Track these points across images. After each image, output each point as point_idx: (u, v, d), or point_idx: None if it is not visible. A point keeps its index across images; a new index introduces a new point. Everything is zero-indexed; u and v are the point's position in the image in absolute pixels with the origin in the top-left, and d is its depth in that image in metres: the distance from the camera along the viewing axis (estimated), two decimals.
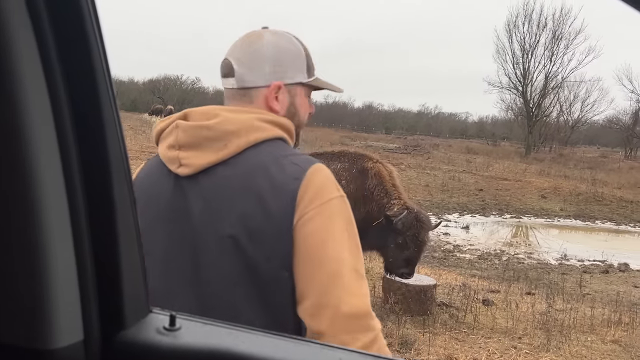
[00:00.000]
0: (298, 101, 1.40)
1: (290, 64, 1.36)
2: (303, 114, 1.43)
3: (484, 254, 12.86)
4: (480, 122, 75.76)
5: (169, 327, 0.75)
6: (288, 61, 1.36)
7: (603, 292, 9.14)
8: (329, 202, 1.21)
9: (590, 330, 5.90)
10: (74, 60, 0.69)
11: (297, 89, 1.39)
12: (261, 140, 1.27)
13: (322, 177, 1.24)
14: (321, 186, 1.22)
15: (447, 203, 19.93)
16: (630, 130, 50.88)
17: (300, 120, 1.42)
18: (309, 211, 1.18)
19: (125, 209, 0.75)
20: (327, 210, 1.20)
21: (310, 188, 1.20)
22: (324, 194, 1.21)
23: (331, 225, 1.19)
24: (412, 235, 5.34)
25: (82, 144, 0.70)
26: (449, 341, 5.19)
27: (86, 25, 0.68)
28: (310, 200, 1.19)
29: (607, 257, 12.93)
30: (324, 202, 1.20)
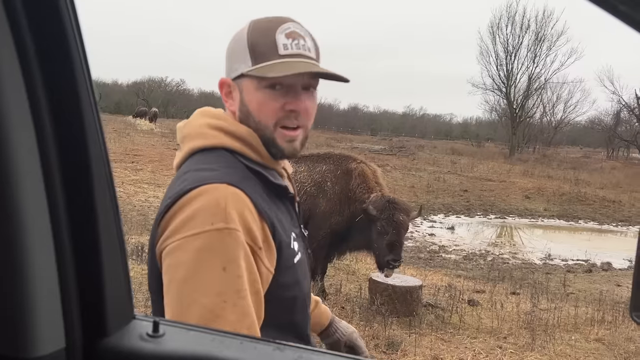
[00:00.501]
0: (247, 97, 1.20)
1: (235, 54, 1.21)
2: (258, 112, 1.18)
3: (469, 254, 12.94)
4: (465, 123, 76.45)
5: (152, 334, 0.75)
6: (233, 52, 1.21)
7: (586, 291, 9.23)
8: (197, 236, 1.02)
9: (574, 329, 5.95)
10: (54, 61, 0.68)
11: (242, 83, 1.20)
12: (198, 149, 1.19)
13: (200, 204, 1.04)
14: (193, 215, 1.03)
15: (432, 204, 20.01)
16: (612, 130, 51.56)
17: (257, 120, 1.19)
18: (172, 242, 1.04)
19: (108, 214, 0.75)
20: (192, 244, 1.02)
21: (179, 214, 1.05)
22: (193, 225, 1.03)
23: (194, 263, 1.01)
24: (387, 217, 5.35)
25: (63, 148, 0.70)
26: (435, 342, 5.20)
27: (65, 26, 0.68)
28: (176, 229, 1.04)
29: (590, 256, 13.07)
30: (190, 234, 1.02)
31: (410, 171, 25.26)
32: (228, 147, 1.18)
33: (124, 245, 0.78)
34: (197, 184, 1.06)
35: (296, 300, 1.21)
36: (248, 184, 1.12)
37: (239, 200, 1.06)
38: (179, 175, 1.15)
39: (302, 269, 1.23)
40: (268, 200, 1.16)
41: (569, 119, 53.88)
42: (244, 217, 1.05)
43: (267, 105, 1.17)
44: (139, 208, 13.58)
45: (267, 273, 1.10)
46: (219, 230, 1.01)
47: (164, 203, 1.09)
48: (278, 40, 1.15)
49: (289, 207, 1.28)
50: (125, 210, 13.03)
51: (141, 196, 15.14)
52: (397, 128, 70.79)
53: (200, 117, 1.26)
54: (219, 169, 1.12)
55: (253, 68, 1.16)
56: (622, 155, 53.96)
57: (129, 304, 0.79)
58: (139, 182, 16.92)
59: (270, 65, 1.14)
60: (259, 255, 1.08)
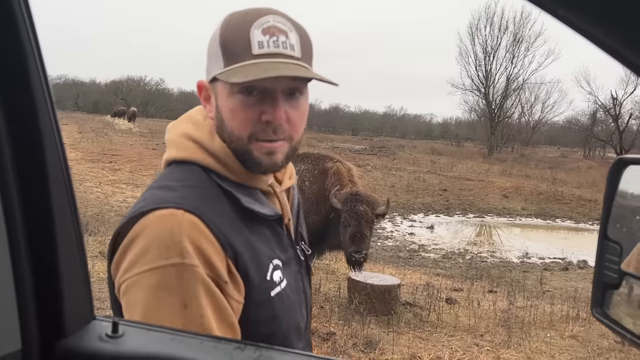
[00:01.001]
0: (220, 103, 1.05)
1: (210, 54, 1.06)
2: (230, 122, 1.03)
3: (448, 253, 13.05)
4: (445, 124, 76.98)
5: (111, 334, 0.74)
6: (209, 51, 1.07)
7: (562, 289, 9.37)
8: (152, 272, 0.91)
9: (550, 327, 6.04)
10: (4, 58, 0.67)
11: (217, 87, 1.05)
12: (172, 160, 1.09)
13: (153, 235, 0.93)
14: (147, 247, 0.92)
15: (412, 203, 20.15)
16: (588, 130, 52.31)
17: (230, 131, 1.04)
18: (128, 278, 0.94)
19: (65, 214, 0.74)
20: (147, 281, 0.91)
21: (134, 246, 0.94)
22: (147, 259, 0.92)
23: (152, 302, 0.91)
24: (349, 209, 5.34)
25: (18, 147, 0.69)
26: (412, 340, 5.24)
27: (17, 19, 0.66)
28: (132, 263, 0.94)
29: (566, 254, 13.27)
30: (144, 270, 0.92)
31: (390, 171, 25.40)
32: (200, 162, 1.05)
33: (82, 245, 0.77)
34: (153, 206, 0.96)
35: (273, 338, 1.04)
36: (211, 209, 0.99)
37: (195, 230, 0.94)
38: (149, 188, 1.06)
39: (283, 301, 1.07)
40: (239, 222, 1.02)
41: (546, 119, 54.69)
42: (201, 249, 0.93)
43: (240, 114, 1.02)
44: (117, 209, 13.45)
45: (237, 305, 0.99)
46: (174, 266, 0.91)
47: (122, 221, 0.99)
48: (252, 37, 0.99)
49: (275, 228, 1.11)
50: (102, 211, 12.90)
51: (119, 196, 15.00)
52: (378, 128, 71.13)
53: (183, 122, 1.14)
54: (180, 190, 1.00)
55: (223, 70, 1.01)
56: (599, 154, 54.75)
57: (88, 304, 0.78)
58: (117, 182, 16.76)
59: (240, 67, 0.98)
60: (226, 290, 0.96)
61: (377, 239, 14.10)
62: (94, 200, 13.98)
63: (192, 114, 1.16)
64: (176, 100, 67.52)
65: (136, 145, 23.64)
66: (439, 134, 68.66)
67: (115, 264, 0.99)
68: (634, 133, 49.52)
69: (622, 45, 0.46)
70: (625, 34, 0.45)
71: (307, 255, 1.24)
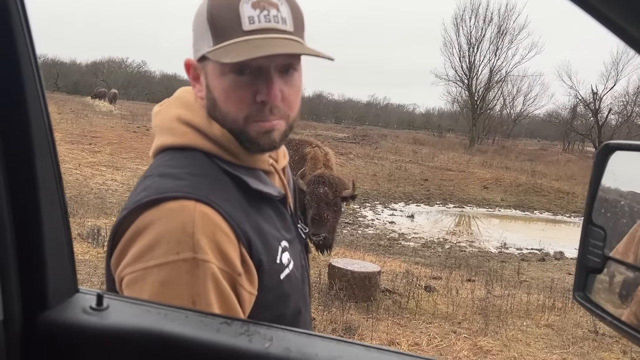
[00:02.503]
0: (211, 83, 1.01)
1: (196, 31, 1.01)
2: (224, 103, 0.99)
3: (427, 242, 13.16)
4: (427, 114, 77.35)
5: (95, 307, 0.74)
6: (195, 28, 1.02)
7: (539, 279, 9.52)
8: (161, 268, 0.87)
9: (526, 315, 6.13)
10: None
11: (207, 66, 1.00)
12: (166, 147, 1.04)
13: (163, 228, 0.88)
14: (156, 241, 0.88)
15: (393, 192, 20.24)
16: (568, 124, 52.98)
17: (224, 112, 1.00)
18: (133, 272, 0.89)
19: (50, 189, 0.73)
20: (155, 277, 0.87)
21: (140, 238, 0.89)
22: (156, 253, 0.87)
23: (162, 299, 0.86)
24: (312, 191, 5.32)
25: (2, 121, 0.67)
26: (391, 326, 5.29)
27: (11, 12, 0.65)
28: (137, 256, 0.89)
29: (544, 245, 13.46)
30: (152, 265, 0.88)
31: (372, 160, 25.46)
32: (200, 147, 1.01)
33: (66, 218, 0.76)
34: (158, 195, 0.90)
35: (282, 318, 1.04)
36: (221, 196, 0.94)
37: (209, 222, 0.89)
38: (145, 175, 1.00)
39: (292, 282, 1.07)
40: (248, 207, 0.99)
41: (527, 111, 55.25)
42: (216, 241, 0.89)
43: (233, 94, 0.98)
44: (96, 191, 13.31)
45: (250, 297, 0.97)
46: (185, 261, 0.87)
47: (122, 212, 0.95)
48: (242, 11, 0.94)
49: (279, 209, 1.10)
50: (82, 193, 12.75)
51: (99, 179, 14.83)
52: (361, 117, 71.23)
53: (173, 106, 1.08)
54: (187, 178, 0.95)
55: (212, 49, 0.96)
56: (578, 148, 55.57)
57: (72, 277, 0.77)
58: (97, 165, 16.56)
59: (231, 46, 0.93)
60: (239, 281, 0.93)
61: (358, 227, 14.17)
62: (72, 182, 13.80)
63: (181, 96, 1.10)
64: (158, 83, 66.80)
65: (117, 128, 23.35)
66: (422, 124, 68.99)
67: (116, 257, 0.93)
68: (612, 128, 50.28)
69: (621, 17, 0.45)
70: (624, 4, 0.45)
71: (306, 234, 1.24)
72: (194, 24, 1.02)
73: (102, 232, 7.19)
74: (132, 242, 0.90)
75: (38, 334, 0.71)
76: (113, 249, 0.95)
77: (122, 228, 0.93)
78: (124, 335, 0.71)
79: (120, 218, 0.94)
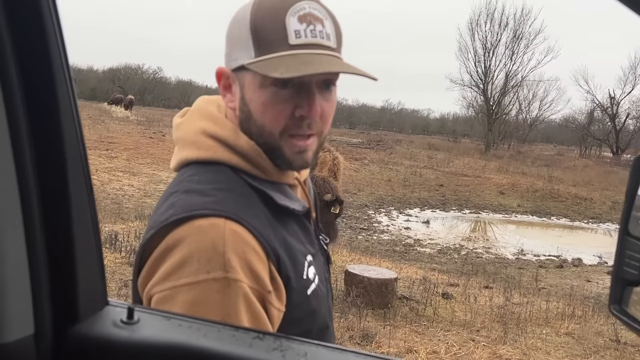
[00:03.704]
0: (248, 95, 0.97)
1: (234, 39, 0.97)
2: (261, 116, 0.96)
3: (443, 248, 13.07)
4: (442, 119, 77.12)
5: (126, 320, 0.72)
6: (231, 36, 0.98)
7: (558, 286, 9.40)
8: (191, 287, 0.84)
9: (545, 323, 6.05)
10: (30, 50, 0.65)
11: (245, 76, 0.97)
12: (191, 161, 1.00)
13: (193, 246, 0.86)
14: (186, 259, 0.85)
15: (408, 198, 20.16)
16: (585, 129, 52.53)
17: (260, 125, 0.97)
18: (162, 291, 0.87)
19: (82, 199, 0.72)
20: (184, 296, 0.84)
21: (169, 257, 0.87)
22: (185, 272, 0.85)
23: None
24: None
25: (36, 130, 0.67)
26: (409, 334, 5.24)
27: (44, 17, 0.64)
28: (166, 274, 0.86)
29: (561, 252, 13.31)
30: (182, 284, 0.85)
31: (387, 165, 25.39)
32: (226, 162, 0.97)
33: (97, 230, 0.75)
34: (186, 213, 0.87)
35: (308, 334, 1.00)
36: (249, 212, 0.92)
37: (239, 240, 0.87)
38: (169, 192, 0.97)
39: (318, 296, 1.05)
40: (275, 223, 0.96)
41: (544, 116, 54.77)
42: (247, 260, 0.87)
43: (273, 108, 0.94)
44: (113, 196, 13.42)
45: (278, 314, 0.94)
46: (216, 280, 0.84)
47: (148, 231, 0.91)
48: (289, 24, 0.91)
49: (303, 222, 1.07)
50: (99, 199, 12.86)
51: (115, 184, 14.95)
52: (375, 122, 71.19)
53: (197, 118, 1.04)
54: (214, 194, 0.92)
55: (256, 60, 0.92)
56: (595, 153, 54.99)
57: (102, 289, 0.76)
58: (114, 170, 16.70)
59: (278, 59, 0.91)
60: (269, 299, 0.91)
61: (373, 233, 14.12)
62: None
63: (204, 108, 1.06)
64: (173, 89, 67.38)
65: (133, 134, 23.55)
66: (436, 130, 68.78)
67: (144, 276, 0.91)
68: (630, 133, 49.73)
69: None
70: None
71: (327, 244, 1.21)
72: (230, 32, 0.99)
73: (119, 237, 7.23)
74: (161, 260, 0.88)
75: (69, 348, 0.70)
76: (140, 268, 0.92)
77: (150, 247, 0.90)
78: (156, 350, 0.69)
79: (147, 237, 0.91)
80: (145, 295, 0.91)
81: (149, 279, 0.90)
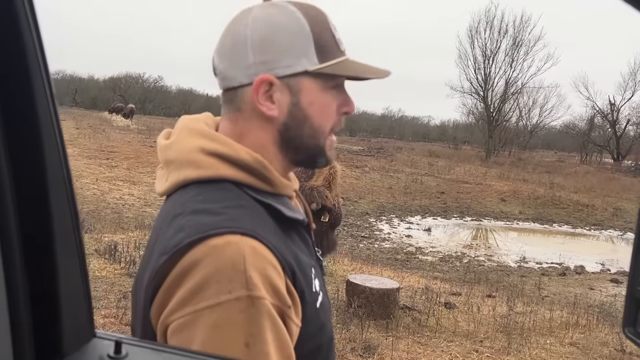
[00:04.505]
0: (307, 99, 0.99)
1: (286, 46, 0.97)
2: (320, 118, 1.00)
3: (445, 256, 13.00)
4: (442, 126, 77.09)
5: (113, 355, 0.68)
6: (281, 43, 0.97)
7: (561, 295, 9.33)
8: (213, 309, 0.80)
9: (550, 333, 5.99)
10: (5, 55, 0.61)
11: (302, 82, 0.98)
12: (190, 181, 0.95)
13: (211, 267, 0.82)
14: (205, 281, 0.81)
15: (409, 205, 20.11)
16: (585, 135, 52.50)
17: (316, 127, 1.00)
18: (180, 317, 0.82)
19: (65, 221, 0.67)
20: (206, 320, 0.80)
21: (186, 281, 0.82)
22: (206, 295, 0.80)
23: (211, 343, 0.80)
24: None
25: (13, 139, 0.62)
26: (411, 345, 5.18)
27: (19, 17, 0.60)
28: (184, 300, 0.82)
29: (564, 259, 13.24)
30: (203, 307, 0.80)
31: (388, 172, 25.35)
32: (229, 178, 0.94)
33: (83, 253, 0.70)
34: (199, 235, 0.84)
35: (320, 349, 1.00)
36: (263, 227, 0.90)
37: (259, 256, 0.84)
38: (172, 215, 0.92)
39: (325, 309, 1.03)
40: (284, 236, 0.95)
41: (544, 123, 54.71)
42: (268, 276, 0.84)
43: (329, 108, 1.01)
44: (113, 206, 13.38)
45: (297, 329, 0.91)
46: (238, 300, 0.80)
47: (159, 258, 0.86)
48: (334, 31, 1.01)
49: (303, 234, 1.06)
50: (99, 208, 12.82)
51: (115, 193, 14.91)
52: (375, 129, 71.21)
53: (189, 136, 1.00)
54: (225, 212, 0.88)
55: (324, 65, 0.97)
56: (595, 160, 54.92)
57: (88, 320, 0.71)
58: (114, 179, 16.67)
59: (344, 64, 1.00)
60: (289, 314, 0.88)
61: (375, 241, 14.06)
62: (90, 197, 13.89)
63: (194, 126, 1.02)
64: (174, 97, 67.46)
65: (134, 143, 23.52)
66: (437, 137, 68.77)
67: (158, 305, 0.85)
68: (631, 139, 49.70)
69: None
70: None
71: (320, 255, 1.18)
72: (276, 35, 0.96)
73: (118, 247, 7.18)
74: (177, 285, 0.83)
75: None
76: (152, 298, 0.86)
77: (161, 274, 0.85)
78: None
79: (158, 265, 0.86)
80: (159, 326, 0.85)
81: (163, 307, 0.84)
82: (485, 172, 28.95)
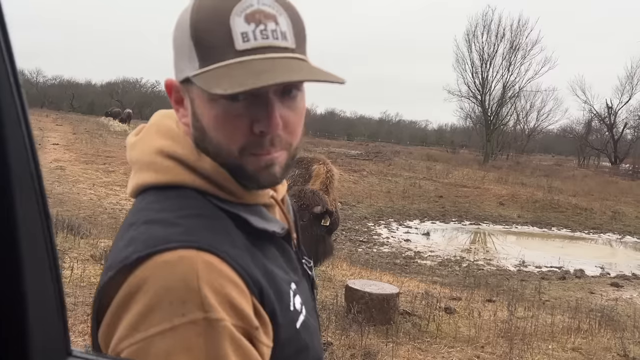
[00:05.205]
0: (198, 110, 0.84)
1: (178, 48, 0.84)
2: (215, 132, 0.82)
3: (444, 260, 12.93)
4: (440, 130, 77.23)
5: None
6: (175, 44, 0.85)
7: (561, 299, 9.25)
8: (164, 335, 0.70)
9: (551, 338, 5.90)
10: None
11: (192, 90, 0.84)
12: (148, 186, 0.86)
13: (160, 286, 0.72)
14: (154, 303, 0.71)
15: (408, 209, 20.04)
16: (583, 139, 52.55)
17: (215, 143, 0.83)
18: (130, 345, 0.71)
19: (35, 228, 0.60)
20: (159, 347, 0.70)
21: (133, 303, 0.72)
22: (156, 318, 0.71)
23: None
24: None
25: None
26: (412, 351, 5.10)
27: None
28: (133, 325, 0.72)
29: (563, 263, 13.17)
30: (154, 333, 0.70)
31: (386, 176, 25.28)
32: (189, 185, 0.84)
33: (57, 267, 0.63)
34: (148, 250, 0.74)
35: None
36: (223, 240, 0.79)
37: (215, 273, 0.74)
38: (127, 223, 0.83)
39: (309, 329, 0.92)
40: (253, 249, 0.84)
41: (541, 127, 54.87)
42: (226, 295, 0.74)
43: (227, 124, 0.81)
44: (110, 211, 13.28)
45: (268, 351, 0.81)
46: (194, 323, 0.71)
47: (106, 273, 0.77)
48: (234, 26, 0.78)
49: (283, 246, 0.95)
50: (96, 213, 12.73)
51: (112, 199, 14.82)
52: (373, 133, 71.25)
53: (153, 136, 0.91)
54: (180, 222, 0.78)
55: (199, 72, 0.80)
56: (593, 163, 54.93)
57: (63, 338, 0.64)
58: (111, 184, 16.57)
59: (223, 69, 0.78)
60: (256, 336, 0.78)
61: (373, 245, 13.98)
62: (87, 202, 13.79)
63: (160, 123, 0.93)
64: None
65: None
66: (434, 141, 68.81)
67: (105, 330, 0.76)
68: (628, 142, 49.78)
69: None
70: None
71: (311, 268, 1.07)
72: (174, 39, 0.85)
73: None
74: (124, 308, 0.73)
75: None
76: (100, 321, 0.77)
77: (107, 293, 0.76)
78: None
79: (104, 282, 0.76)
80: (111, 352, 0.75)
81: (112, 333, 0.74)
82: (483, 175, 28.91)
